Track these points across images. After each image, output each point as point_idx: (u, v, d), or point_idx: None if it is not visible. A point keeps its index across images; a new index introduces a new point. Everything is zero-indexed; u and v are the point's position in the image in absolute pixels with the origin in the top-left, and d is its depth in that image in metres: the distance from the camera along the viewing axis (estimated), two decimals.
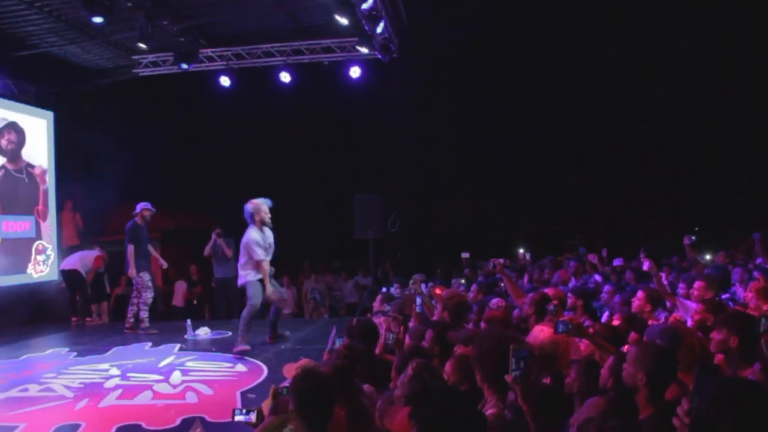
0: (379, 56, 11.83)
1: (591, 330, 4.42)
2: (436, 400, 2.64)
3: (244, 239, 8.41)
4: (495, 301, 6.16)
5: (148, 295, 10.32)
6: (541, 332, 4.12)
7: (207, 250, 12.52)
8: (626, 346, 4.35)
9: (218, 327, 10.38)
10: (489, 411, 3.28)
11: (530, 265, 10.60)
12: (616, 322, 4.96)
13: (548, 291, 5.90)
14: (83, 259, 11.52)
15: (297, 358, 7.44)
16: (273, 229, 8.63)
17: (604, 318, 6.37)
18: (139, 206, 10.36)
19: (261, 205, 8.38)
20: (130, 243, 10.11)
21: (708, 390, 2.49)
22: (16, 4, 10.11)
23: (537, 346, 3.85)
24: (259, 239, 8.33)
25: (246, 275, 8.41)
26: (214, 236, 12.48)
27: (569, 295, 6.09)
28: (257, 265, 8.35)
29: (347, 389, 3.94)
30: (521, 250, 11.11)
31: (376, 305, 7.84)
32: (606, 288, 7.03)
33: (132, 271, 10.15)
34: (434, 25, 12.55)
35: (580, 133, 14.45)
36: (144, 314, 10.31)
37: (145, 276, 10.25)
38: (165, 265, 11.35)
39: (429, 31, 12.47)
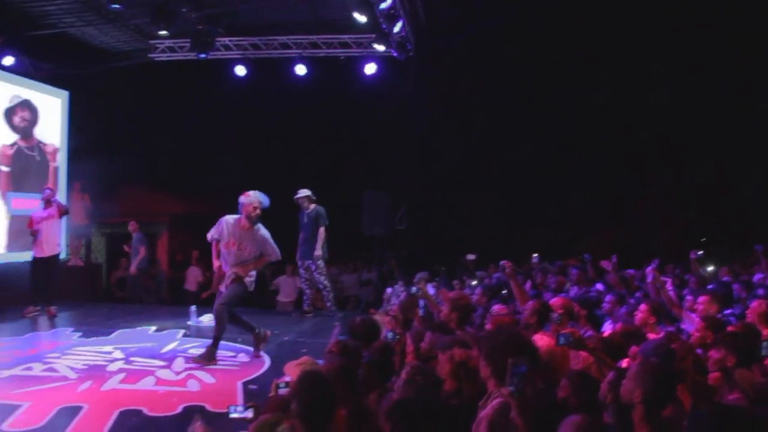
0: (395, 55, 11.84)
1: (590, 343, 4.46)
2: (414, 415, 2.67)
3: None
4: (496, 308, 6.18)
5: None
6: (539, 340, 4.15)
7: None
8: (625, 360, 4.40)
9: None
10: (496, 400, 3.31)
11: (535, 269, 10.57)
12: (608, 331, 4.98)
13: (555, 300, 5.85)
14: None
15: (299, 351, 7.53)
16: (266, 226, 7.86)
17: (605, 328, 6.40)
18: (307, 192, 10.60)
19: (252, 198, 7.64)
20: (322, 226, 10.42)
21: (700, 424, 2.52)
22: None
23: None
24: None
25: None
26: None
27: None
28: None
29: (349, 389, 3.98)
30: (535, 255, 11.04)
31: (385, 304, 7.88)
32: (608, 298, 7.00)
33: (318, 253, 10.52)
34: (452, 25, 12.52)
35: (595, 136, 14.32)
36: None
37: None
38: None
39: (446, 31, 12.45)
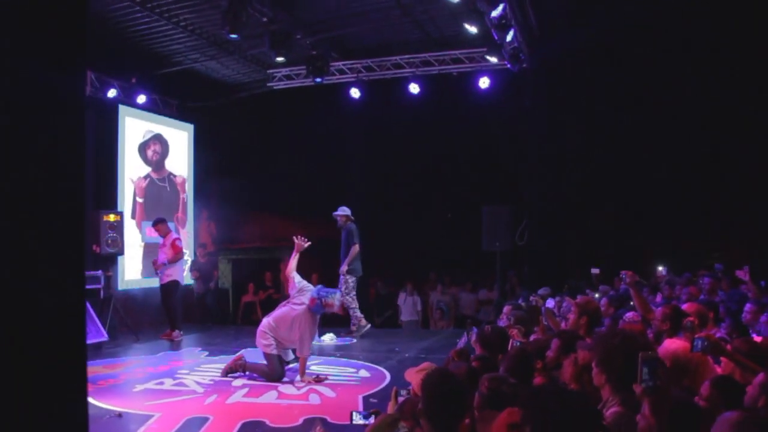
0: (509, 66, 11.67)
1: (729, 347, 4.11)
2: (551, 402, 2.51)
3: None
4: (630, 315, 5.86)
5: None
6: (673, 343, 3.88)
7: None
8: None
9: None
10: (612, 410, 3.09)
11: (662, 282, 10.09)
12: (757, 339, 4.58)
13: (688, 305, 5.45)
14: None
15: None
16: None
17: None
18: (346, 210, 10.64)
19: None
20: (353, 244, 10.40)
21: None
22: (164, 25, 10.81)
23: (669, 357, 3.63)
24: None
25: None
26: None
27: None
28: None
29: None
30: (660, 267, 10.52)
31: (503, 317, 7.69)
32: (748, 307, 6.49)
33: (343, 269, 10.43)
34: (565, 32, 12.13)
35: (725, 145, 13.35)
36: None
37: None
38: None
39: (559, 38, 12.07)
